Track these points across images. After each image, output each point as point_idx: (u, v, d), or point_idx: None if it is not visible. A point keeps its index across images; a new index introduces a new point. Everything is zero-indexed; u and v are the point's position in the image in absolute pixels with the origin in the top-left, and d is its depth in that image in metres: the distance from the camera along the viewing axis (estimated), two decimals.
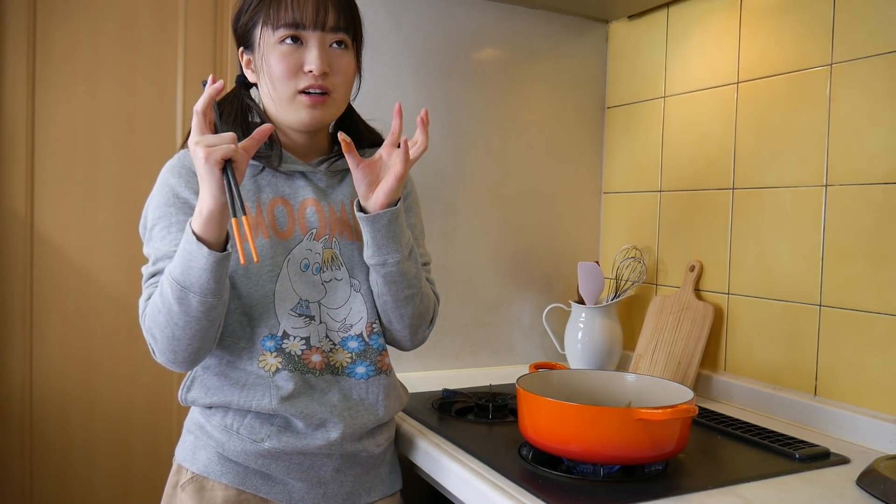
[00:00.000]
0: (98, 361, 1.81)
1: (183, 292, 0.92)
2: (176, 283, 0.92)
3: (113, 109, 1.80)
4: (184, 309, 0.93)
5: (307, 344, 1.04)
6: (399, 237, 1.04)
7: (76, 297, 1.78)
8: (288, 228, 1.06)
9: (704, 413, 1.34)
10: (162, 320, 0.95)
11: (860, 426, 1.21)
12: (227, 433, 1.02)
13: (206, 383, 1.04)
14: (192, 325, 0.94)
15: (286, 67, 1.01)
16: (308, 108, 1.03)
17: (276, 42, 1.01)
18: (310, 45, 1.01)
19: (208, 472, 1.03)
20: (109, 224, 1.80)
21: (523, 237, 1.80)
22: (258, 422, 1.02)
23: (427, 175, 1.68)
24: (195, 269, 0.91)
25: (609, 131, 1.87)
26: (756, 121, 1.44)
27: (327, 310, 1.07)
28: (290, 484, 1.05)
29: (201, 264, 0.90)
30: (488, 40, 1.73)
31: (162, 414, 1.88)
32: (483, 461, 1.06)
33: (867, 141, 1.23)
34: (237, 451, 1.02)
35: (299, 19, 0.99)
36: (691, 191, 1.60)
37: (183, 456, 1.07)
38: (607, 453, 0.98)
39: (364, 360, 1.08)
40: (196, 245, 0.90)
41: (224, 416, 1.03)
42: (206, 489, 1.03)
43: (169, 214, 1.02)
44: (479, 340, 1.75)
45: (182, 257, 0.92)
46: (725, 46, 1.51)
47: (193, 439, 1.06)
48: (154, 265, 1.01)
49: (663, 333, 1.57)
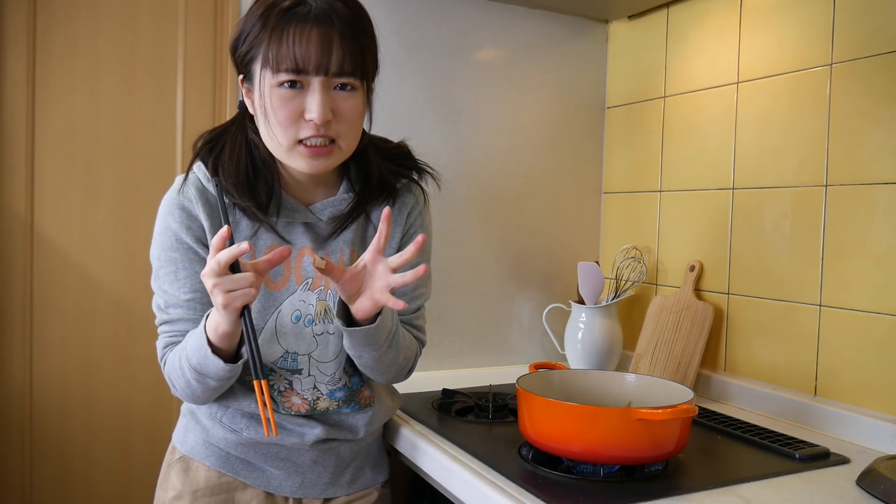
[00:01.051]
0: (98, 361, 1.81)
1: (201, 377, 0.96)
2: (193, 370, 0.96)
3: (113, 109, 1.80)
4: (202, 386, 0.98)
5: (290, 385, 1.05)
6: (376, 341, 0.98)
7: (76, 297, 1.78)
8: (282, 278, 1.03)
9: (704, 413, 1.34)
10: (182, 384, 1.00)
11: (860, 426, 1.21)
12: (213, 420, 1.07)
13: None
14: (210, 392, 1.00)
15: (287, 115, 0.92)
16: (309, 158, 0.95)
17: (275, 84, 0.92)
18: (311, 89, 0.92)
19: (194, 453, 1.09)
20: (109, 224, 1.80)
21: (523, 237, 1.80)
22: (238, 414, 1.06)
23: None
24: (211, 368, 0.94)
25: (609, 131, 1.87)
26: (756, 121, 1.44)
27: (317, 363, 1.05)
28: (269, 471, 1.09)
29: (216, 368, 0.94)
30: (488, 40, 1.73)
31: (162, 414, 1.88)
32: (483, 461, 1.06)
33: (867, 141, 1.23)
34: (220, 437, 1.07)
35: (301, 63, 0.90)
36: (691, 191, 1.60)
37: (176, 437, 1.14)
38: (607, 453, 0.98)
39: (349, 403, 1.10)
40: (212, 357, 0.93)
41: (210, 405, 1.07)
42: (192, 469, 1.09)
43: (174, 260, 1.01)
44: (479, 340, 1.75)
45: (197, 354, 0.94)
46: (725, 46, 1.51)
47: (185, 422, 1.13)
48: (166, 312, 1.03)
49: (663, 333, 1.57)
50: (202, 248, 1.01)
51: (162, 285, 1.03)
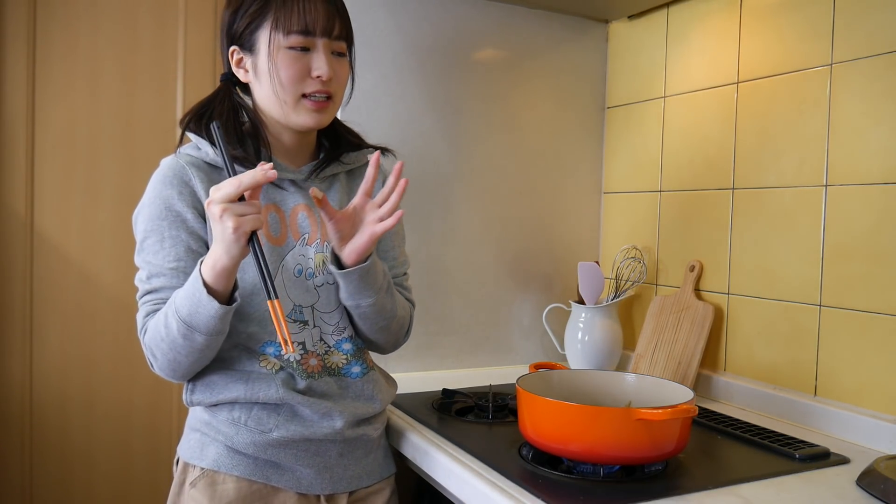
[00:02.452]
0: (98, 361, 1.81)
1: (189, 331, 0.95)
2: (182, 323, 0.94)
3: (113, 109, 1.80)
4: (188, 343, 0.96)
5: (304, 349, 1.07)
6: (372, 284, 1.06)
7: (76, 297, 1.78)
8: (281, 235, 1.08)
9: (704, 413, 1.34)
10: (165, 347, 0.98)
11: (860, 426, 1.21)
12: (235, 426, 1.04)
13: (209, 383, 1.05)
14: (195, 354, 0.98)
15: (295, 72, 1.03)
16: (313, 112, 1.06)
17: (286, 46, 1.02)
18: (318, 51, 1.04)
19: (218, 465, 1.04)
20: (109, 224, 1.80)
21: (523, 237, 1.80)
22: (265, 413, 1.04)
23: (427, 175, 1.68)
24: (203, 315, 0.93)
25: (609, 131, 1.87)
26: (756, 121, 1.44)
27: (320, 314, 1.09)
28: (299, 471, 1.06)
29: (210, 313, 0.93)
30: (488, 40, 1.73)
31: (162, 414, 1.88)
32: (483, 461, 1.06)
33: (867, 141, 1.23)
34: (246, 443, 1.03)
35: (311, 26, 1.02)
36: (691, 191, 1.60)
37: (189, 454, 1.07)
38: (607, 453, 0.98)
39: (357, 359, 1.12)
40: (206, 297, 0.92)
41: (231, 410, 1.04)
42: (218, 483, 1.04)
43: (161, 228, 1.03)
44: (479, 340, 1.75)
45: (190, 301, 0.94)
46: (725, 46, 1.51)
47: (200, 436, 1.07)
48: (149, 282, 1.03)
49: (663, 333, 1.57)
50: (193, 216, 1.03)
51: (146, 257, 1.03)
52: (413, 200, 1.64)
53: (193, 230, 1.03)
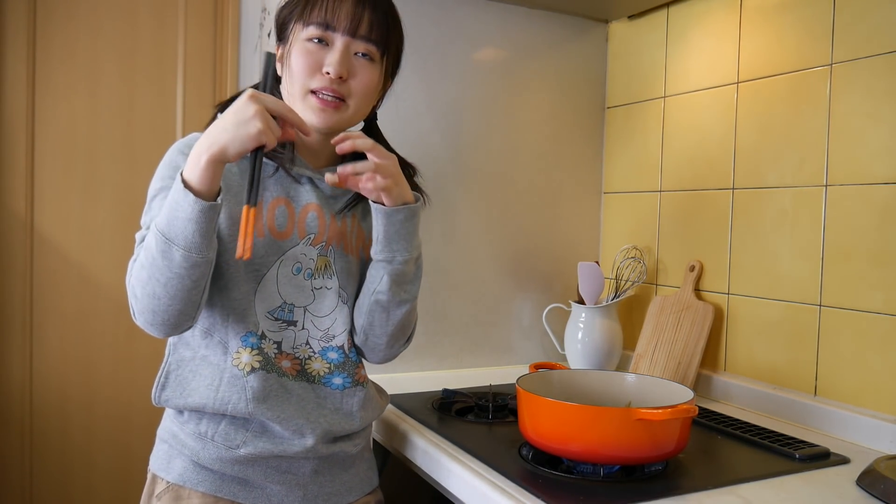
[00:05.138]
0: (98, 362, 1.81)
1: (167, 245, 0.88)
2: (160, 235, 0.89)
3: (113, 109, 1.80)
4: (167, 263, 0.89)
5: (278, 348, 1.03)
6: (412, 237, 1.04)
7: (76, 297, 1.78)
8: (287, 229, 1.04)
9: (704, 413, 1.34)
10: (144, 276, 0.91)
11: (860, 426, 1.21)
12: (202, 440, 1.00)
13: (180, 381, 1.01)
14: (174, 282, 0.90)
15: (305, 64, 1.00)
16: (318, 109, 1.01)
17: (303, 39, 1.01)
18: (334, 47, 1.01)
19: (184, 480, 1.00)
20: (109, 224, 1.80)
21: (523, 237, 1.80)
22: (233, 428, 1.00)
23: (427, 175, 1.67)
24: (180, 220, 0.87)
25: (609, 131, 1.87)
26: (756, 121, 1.44)
27: (312, 316, 1.05)
28: (269, 488, 1.03)
29: (187, 214, 0.87)
30: (488, 40, 1.73)
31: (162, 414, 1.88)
32: (483, 461, 1.06)
33: (867, 141, 1.23)
34: (212, 458, 1.00)
35: (331, 21, 1.00)
36: (691, 191, 1.60)
37: (157, 465, 1.04)
38: (607, 453, 0.98)
39: (342, 371, 1.07)
40: (183, 193, 0.86)
41: (198, 423, 1.01)
42: (183, 498, 1.00)
43: (168, 188, 0.97)
44: (479, 340, 1.75)
45: (169, 207, 0.89)
46: (725, 46, 1.51)
47: (167, 448, 1.04)
48: (147, 230, 0.98)
49: (663, 333, 1.57)
50: None
51: (151, 212, 0.99)
52: None
53: None
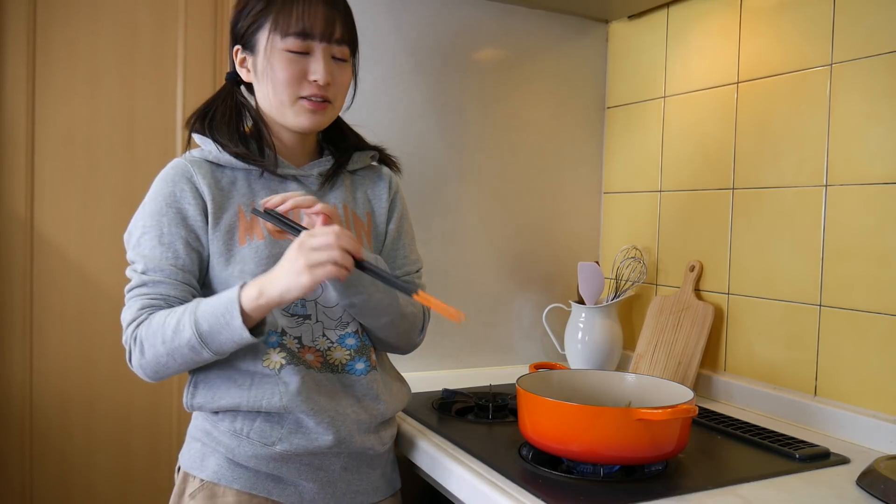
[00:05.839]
0: (98, 362, 1.81)
1: (201, 346, 0.94)
2: (196, 336, 0.93)
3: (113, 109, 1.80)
4: (192, 356, 0.96)
5: (300, 343, 1.05)
6: (359, 280, 1.03)
7: (76, 297, 1.78)
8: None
9: (704, 413, 1.34)
10: (161, 350, 0.96)
11: (860, 426, 1.21)
12: (237, 438, 1.02)
13: (211, 386, 1.03)
14: (190, 365, 0.98)
15: (291, 74, 1.03)
16: (309, 112, 1.05)
17: (282, 49, 1.02)
18: (316, 55, 1.03)
19: (218, 478, 1.02)
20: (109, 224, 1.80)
21: (523, 237, 1.80)
22: (268, 425, 1.02)
23: (427, 175, 1.68)
24: (224, 338, 0.93)
25: (609, 131, 1.87)
26: (756, 121, 1.44)
27: (323, 308, 1.07)
28: (301, 485, 1.04)
29: (233, 339, 0.93)
30: (488, 40, 1.73)
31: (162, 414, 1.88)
32: (483, 461, 1.06)
33: (867, 141, 1.23)
34: (247, 455, 1.01)
35: (308, 29, 1.01)
36: (691, 191, 1.60)
37: (190, 464, 1.05)
38: (607, 453, 0.98)
39: (361, 356, 1.09)
40: (240, 324, 0.92)
41: (233, 420, 1.02)
42: (218, 496, 1.02)
43: (161, 224, 1.02)
44: (479, 340, 1.75)
45: (216, 319, 0.93)
46: (725, 46, 1.51)
47: (200, 446, 1.05)
48: (145, 275, 1.01)
49: (663, 333, 1.57)
50: (194, 213, 1.03)
51: (143, 251, 1.01)
52: (413, 200, 1.64)
53: (192, 228, 1.02)
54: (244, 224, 1.04)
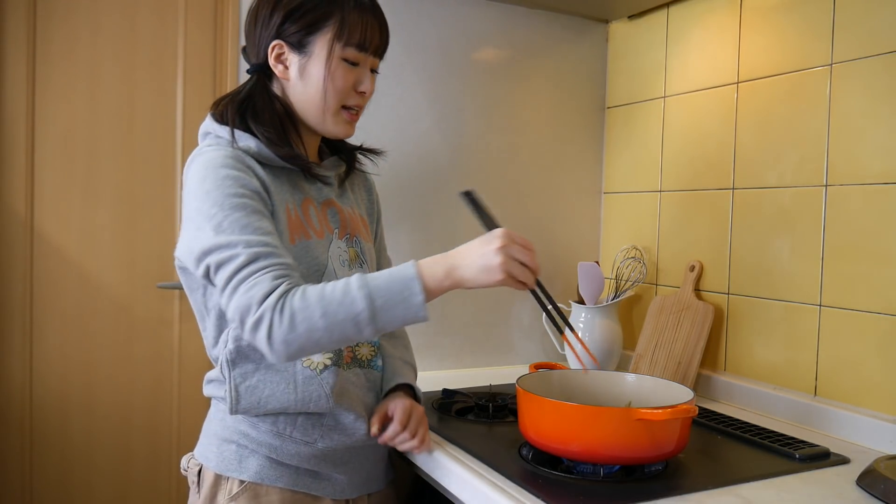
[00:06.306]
0: (98, 362, 1.81)
1: (370, 320, 0.89)
2: (368, 309, 0.89)
3: (113, 109, 1.80)
4: (351, 332, 0.90)
5: None
6: None
7: (76, 298, 1.78)
8: (321, 227, 1.08)
9: (704, 413, 1.34)
10: (320, 323, 0.89)
11: (860, 426, 1.21)
12: (280, 438, 1.03)
13: (252, 392, 1.01)
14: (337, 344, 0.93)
15: (345, 84, 1.05)
16: (347, 122, 1.09)
17: (341, 57, 1.04)
18: (364, 67, 1.07)
19: (262, 478, 1.03)
20: (109, 224, 1.80)
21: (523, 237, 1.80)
22: (310, 423, 1.04)
23: (427, 175, 1.68)
24: (396, 316, 0.91)
25: (609, 131, 1.87)
26: (756, 121, 1.44)
27: None
28: (333, 477, 1.08)
29: (407, 317, 0.91)
30: (488, 40, 1.73)
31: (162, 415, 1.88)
32: (483, 461, 1.06)
33: (867, 141, 1.23)
34: (290, 454, 1.04)
35: (367, 42, 1.05)
36: (691, 191, 1.60)
37: (225, 466, 1.04)
38: (607, 453, 0.98)
39: (380, 352, 1.14)
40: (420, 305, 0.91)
41: (275, 421, 1.03)
42: (262, 495, 1.03)
43: (245, 205, 0.95)
44: (479, 340, 1.75)
45: (392, 296, 0.90)
46: (725, 46, 1.51)
47: (236, 448, 1.04)
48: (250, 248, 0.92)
49: (663, 333, 1.57)
50: (267, 199, 1.00)
51: (233, 231, 0.93)
52: (413, 200, 1.64)
53: (266, 208, 0.99)
54: (292, 222, 1.04)
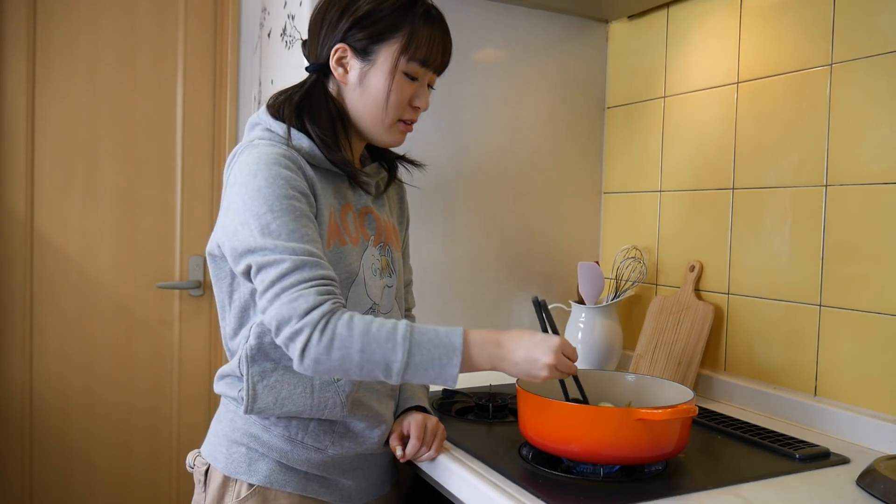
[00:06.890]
0: (98, 362, 1.81)
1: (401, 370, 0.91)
2: (403, 364, 0.90)
3: (113, 109, 1.80)
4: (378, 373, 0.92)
5: None
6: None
7: (76, 297, 1.78)
8: (356, 234, 1.07)
9: (704, 413, 1.34)
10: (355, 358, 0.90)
11: (860, 426, 1.21)
12: (291, 443, 1.03)
13: (270, 392, 1.01)
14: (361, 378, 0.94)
15: (403, 98, 1.05)
16: (401, 134, 1.09)
17: (403, 70, 1.04)
18: (423, 82, 1.07)
19: (271, 482, 1.03)
20: (109, 224, 1.80)
21: (523, 237, 1.80)
22: (321, 430, 1.04)
23: (427, 175, 1.68)
24: (425, 376, 0.92)
25: (609, 131, 1.87)
26: (756, 121, 1.44)
27: (381, 315, 1.09)
28: (341, 483, 1.08)
29: (435, 380, 0.93)
30: (488, 40, 1.73)
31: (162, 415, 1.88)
32: (483, 461, 1.06)
33: (867, 141, 1.23)
34: (301, 459, 1.04)
35: (431, 59, 1.05)
36: (691, 191, 1.60)
37: (235, 469, 1.04)
38: (607, 453, 0.98)
39: None
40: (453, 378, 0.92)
41: (287, 426, 1.03)
42: (270, 499, 1.03)
43: (294, 209, 0.95)
44: None
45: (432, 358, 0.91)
46: (725, 46, 1.51)
47: (246, 451, 1.04)
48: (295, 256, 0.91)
49: (663, 333, 1.57)
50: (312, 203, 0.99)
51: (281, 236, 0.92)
52: (413, 200, 1.63)
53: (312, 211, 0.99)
54: (331, 227, 1.02)
